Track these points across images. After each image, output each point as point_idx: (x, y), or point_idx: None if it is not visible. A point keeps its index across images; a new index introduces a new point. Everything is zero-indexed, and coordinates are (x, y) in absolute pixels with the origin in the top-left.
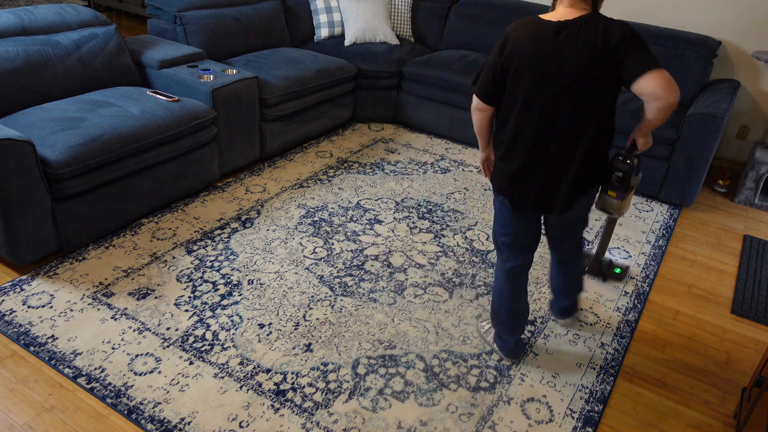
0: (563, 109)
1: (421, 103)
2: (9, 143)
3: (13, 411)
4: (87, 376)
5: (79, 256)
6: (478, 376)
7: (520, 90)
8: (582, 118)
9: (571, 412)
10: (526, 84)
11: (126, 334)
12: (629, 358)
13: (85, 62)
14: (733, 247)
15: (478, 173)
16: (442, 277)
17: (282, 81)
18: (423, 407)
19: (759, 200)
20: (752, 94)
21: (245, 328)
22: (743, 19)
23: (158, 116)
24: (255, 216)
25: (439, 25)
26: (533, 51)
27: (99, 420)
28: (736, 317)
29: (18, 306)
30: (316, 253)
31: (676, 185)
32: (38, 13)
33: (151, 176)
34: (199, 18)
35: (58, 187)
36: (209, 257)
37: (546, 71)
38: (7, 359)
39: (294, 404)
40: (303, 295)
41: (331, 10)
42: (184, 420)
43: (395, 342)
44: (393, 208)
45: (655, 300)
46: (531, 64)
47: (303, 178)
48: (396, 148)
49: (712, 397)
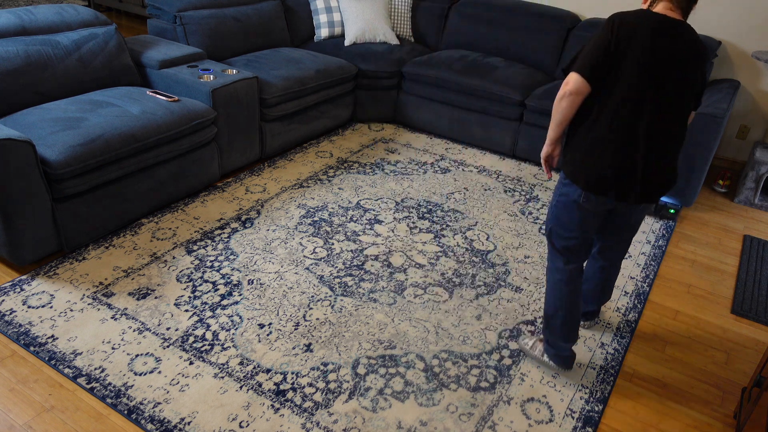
0: (667, 105)
1: (421, 103)
2: (9, 143)
3: (13, 411)
4: (87, 376)
5: (79, 256)
6: (478, 376)
7: (625, 79)
8: (677, 117)
9: (571, 412)
10: (635, 74)
11: (126, 334)
12: (629, 358)
13: (85, 62)
14: (733, 247)
15: (479, 173)
16: (442, 277)
17: (282, 81)
18: (423, 407)
19: (759, 200)
20: (752, 94)
21: (245, 328)
22: (743, 19)
23: (158, 116)
24: (255, 216)
25: (439, 25)
26: (649, 42)
27: (99, 420)
28: (736, 317)
29: (18, 306)
30: (316, 253)
31: (676, 185)
32: (38, 13)
33: (151, 176)
34: (199, 18)
35: (58, 187)
36: (209, 257)
37: (659, 65)
38: (7, 359)
39: (294, 404)
40: (303, 295)
41: (331, 10)
42: (184, 420)
43: (395, 342)
44: (393, 208)
45: (655, 300)
46: (644, 53)
47: (303, 178)
48: (396, 148)
49: (712, 397)
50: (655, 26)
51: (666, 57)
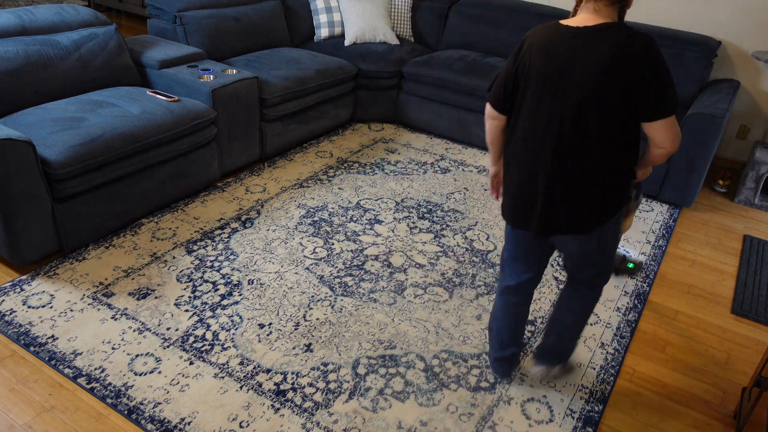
0: (570, 125)
1: (421, 103)
2: (9, 143)
3: (13, 411)
4: (87, 376)
5: (79, 256)
6: (478, 376)
7: (528, 99)
8: (601, 137)
9: (571, 412)
10: (535, 93)
11: (126, 334)
12: (629, 358)
13: (85, 62)
14: (733, 247)
15: (479, 173)
16: (442, 277)
17: (282, 81)
18: (423, 407)
19: (759, 200)
20: (752, 94)
21: (245, 328)
22: (743, 19)
23: (158, 116)
24: (255, 216)
25: (439, 25)
26: (545, 57)
27: (99, 420)
28: (736, 317)
29: (18, 306)
30: (316, 253)
31: (676, 185)
32: (38, 13)
33: (151, 176)
34: (199, 18)
35: (58, 187)
36: (209, 257)
37: (556, 81)
38: (7, 359)
39: (294, 404)
40: (303, 295)
41: (331, 10)
42: (184, 420)
43: (395, 342)
44: (393, 208)
45: (655, 300)
46: (541, 71)
47: (303, 178)
48: (396, 148)
49: (712, 397)
50: (552, 39)
51: (561, 69)
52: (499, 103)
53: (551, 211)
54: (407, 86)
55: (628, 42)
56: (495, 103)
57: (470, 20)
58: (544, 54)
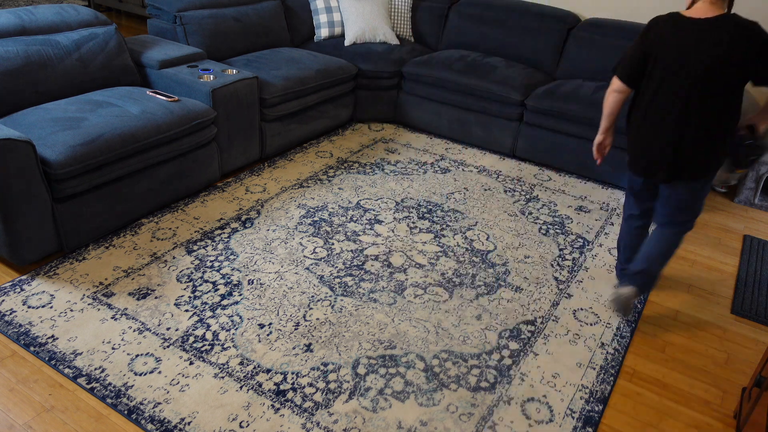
0: (695, 95)
1: (421, 103)
2: (9, 143)
3: (13, 411)
4: (87, 376)
5: (79, 256)
6: (478, 376)
7: (657, 75)
8: (708, 107)
9: (571, 412)
10: (662, 72)
11: (126, 334)
12: (629, 358)
13: (85, 62)
14: (733, 247)
15: (479, 173)
16: (442, 277)
17: (282, 81)
18: (423, 407)
19: (759, 200)
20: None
21: (245, 328)
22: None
23: (158, 116)
24: (255, 216)
25: (439, 25)
26: (673, 43)
27: (99, 420)
28: (736, 317)
29: (18, 306)
30: (316, 253)
31: None
32: (38, 13)
33: (151, 176)
34: (199, 18)
35: (58, 187)
36: (209, 257)
37: (682, 62)
38: (7, 359)
39: (294, 404)
40: (303, 295)
41: (331, 10)
42: (184, 420)
43: (395, 342)
44: (393, 208)
45: (655, 300)
46: (670, 52)
47: (303, 178)
48: (396, 148)
49: (712, 397)
50: (678, 28)
51: (687, 54)
52: (629, 78)
53: (677, 162)
54: (407, 86)
55: (748, 27)
56: (626, 78)
57: (470, 20)
58: (672, 39)
